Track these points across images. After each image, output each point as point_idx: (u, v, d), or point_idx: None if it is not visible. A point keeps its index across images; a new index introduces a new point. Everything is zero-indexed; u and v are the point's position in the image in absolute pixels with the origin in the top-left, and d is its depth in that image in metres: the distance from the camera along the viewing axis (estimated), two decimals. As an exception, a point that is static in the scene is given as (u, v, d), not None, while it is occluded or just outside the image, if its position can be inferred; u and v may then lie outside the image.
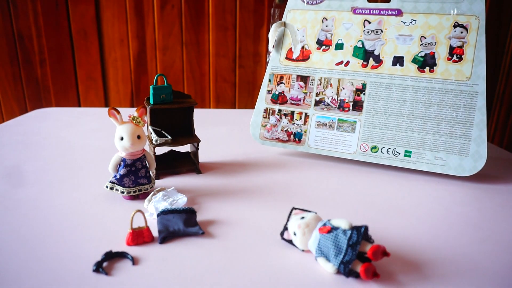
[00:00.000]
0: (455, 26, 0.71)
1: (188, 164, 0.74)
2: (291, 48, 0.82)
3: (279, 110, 0.82)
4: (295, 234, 0.48)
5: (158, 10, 1.17)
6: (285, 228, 0.50)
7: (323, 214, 0.58)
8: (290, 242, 0.50)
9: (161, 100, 0.69)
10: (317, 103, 0.79)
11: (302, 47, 0.81)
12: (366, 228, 0.44)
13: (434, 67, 0.72)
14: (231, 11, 1.18)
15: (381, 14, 0.75)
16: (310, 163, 0.79)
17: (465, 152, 0.69)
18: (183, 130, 0.74)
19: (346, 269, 0.43)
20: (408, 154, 0.73)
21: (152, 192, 0.60)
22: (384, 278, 0.44)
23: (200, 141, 0.72)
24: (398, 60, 0.74)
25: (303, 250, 0.49)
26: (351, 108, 0.77)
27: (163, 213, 0.53)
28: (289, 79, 0.82)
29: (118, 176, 0.59)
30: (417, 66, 0.73)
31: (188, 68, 1.23)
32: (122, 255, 0.47)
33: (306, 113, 0.80)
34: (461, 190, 0.68)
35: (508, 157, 0.87)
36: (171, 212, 0.54)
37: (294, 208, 0.51)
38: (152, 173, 0.65)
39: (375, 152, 0.75)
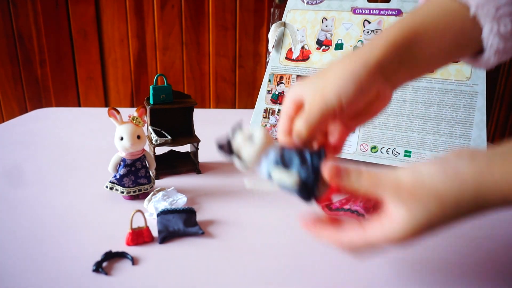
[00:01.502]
0: (455, 26, 0.71)
1: (188, 164, 0.74)
2: (291, 48, 0.82)
3: (279, 110, 0.82)
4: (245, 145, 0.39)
5: (158, 10, 1.17)
6: (228, 141, 0.41)
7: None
8: (228, 153, 0.40)
9: (161, 100, 0.69)
10: (317, 103, 0.79)
11: (302, 47, 0.81)
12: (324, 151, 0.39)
13: (434, 67, 0.72)
14: (231, 11, 1.18)
15: (381, 14, 0.75)
16: (310, 163, 0.79)
17: (465, 152, 0.69)
18: (183, 130, 0.74)
19: (312, 182, 0.37)
20: (408, 154, 0.73)
21: (152, 192, 0.60)
22: (383, 281, 0.44)
23: (200, 141, 0.72)
24: (398, 60, 0.74)
25: (248, 168, 0.40)
26: (351, 108, 0.77)
27: (163, 213, 0.53)
28: (289, 79, 0.82)
29: (118, 176, 0.59)
30: (417, 66, 0.73)
31: (188, 68, 1.23)
32: (122, 255, 0.47)
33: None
34: (461, 190, 0.68)
35: (508, 157, 0.86)
36: (171, 212, 0.54)
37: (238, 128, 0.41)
38: (152, 173, 0.65)
39: (375, 152, 0.75)
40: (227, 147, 0.41)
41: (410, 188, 0.33)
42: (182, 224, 0.52)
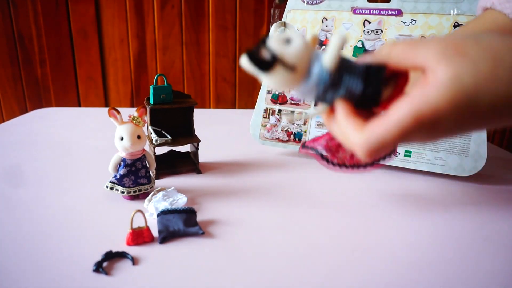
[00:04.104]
0: (455, 26, 0.71)
1: (188, 164, 0.74)
2: (291, 48, 0.82)
3: (279, 110, 0.82)
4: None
5: (158, 10, 1.17)
6: (263, 42, 0.33)
7: (323, 214, 0.58)
8: (265, 62, 0.33)
9: (161, 100, 0.69)
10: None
11: (302, 47, 0.81)
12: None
13: (434, 67, 0.72)
14: (231, 11, 1.18)
15: (381, 14, 0.75)
16: (310, 163, 0.79)
17: (465, 152, 0.69)
18: (183, 130, 0.74)
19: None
20: (408, 154, 0.73)
21: (152, 192, 0.60)
22: (383, 281, 0.44)
23: (200, 141, 0.72)
24: (398, 60, 0.74)
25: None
26: (351, 108, 0.77)
27: (163, 213, 0.53)
28: (289, 79, 0.81)
29: (118, 176, 0.59)
30: (417, 66, 0.73)
31: (188, 68, 1.23)
32: (122, 255, 0.47)
33: (306, 113, 0.80)
34: (461, 190, 0.68)
35: (508, 157, 0.87)
36: (171, 212, 0.54)
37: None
38: (152, 173, 0.65)
39: (375, 152, 0.75)
40: (264, 54, 0.33)
41: (459, 43, 0.28)
42: (182, 224, 0.52)
